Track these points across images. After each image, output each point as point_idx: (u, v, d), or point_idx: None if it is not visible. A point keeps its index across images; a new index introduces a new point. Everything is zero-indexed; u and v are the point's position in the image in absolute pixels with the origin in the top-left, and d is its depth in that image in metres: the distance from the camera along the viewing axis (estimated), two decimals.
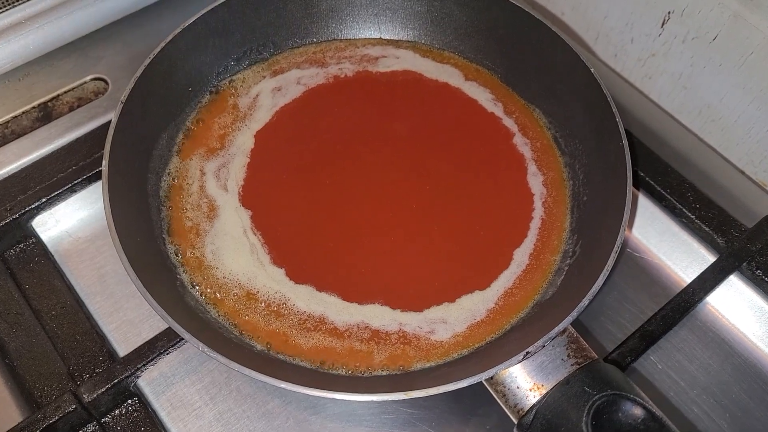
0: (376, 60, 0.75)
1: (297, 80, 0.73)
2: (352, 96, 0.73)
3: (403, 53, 0.76)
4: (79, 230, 0.67)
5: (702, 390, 0.60)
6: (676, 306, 0.60)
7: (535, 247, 0.63)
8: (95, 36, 0.81)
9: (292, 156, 0.68)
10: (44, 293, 0.62)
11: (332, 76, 0.74)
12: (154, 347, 0.57)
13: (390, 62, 0.75)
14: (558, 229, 0.64)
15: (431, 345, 0.58)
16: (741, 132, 0.73)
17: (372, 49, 0.76)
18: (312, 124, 0.70)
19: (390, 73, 0.74)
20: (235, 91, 0.72)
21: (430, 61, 0.75)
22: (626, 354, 0.57)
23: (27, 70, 0.78)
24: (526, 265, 0.62)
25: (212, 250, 0.62)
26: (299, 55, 0.75)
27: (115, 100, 0.74)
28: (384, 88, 0.73)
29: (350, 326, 0.59)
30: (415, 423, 0.58)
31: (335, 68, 0.74)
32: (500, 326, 0.59)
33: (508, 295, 0.61)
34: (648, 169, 0.69)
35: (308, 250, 0.62)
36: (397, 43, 0.76)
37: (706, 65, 0.72)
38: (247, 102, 0.71)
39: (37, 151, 0.71)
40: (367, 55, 0.76)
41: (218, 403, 0.58)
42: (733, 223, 0.65)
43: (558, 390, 0.49)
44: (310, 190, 0.66)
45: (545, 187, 0.66)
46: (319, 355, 0.57)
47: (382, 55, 0.76)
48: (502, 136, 0.70)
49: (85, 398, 0.54)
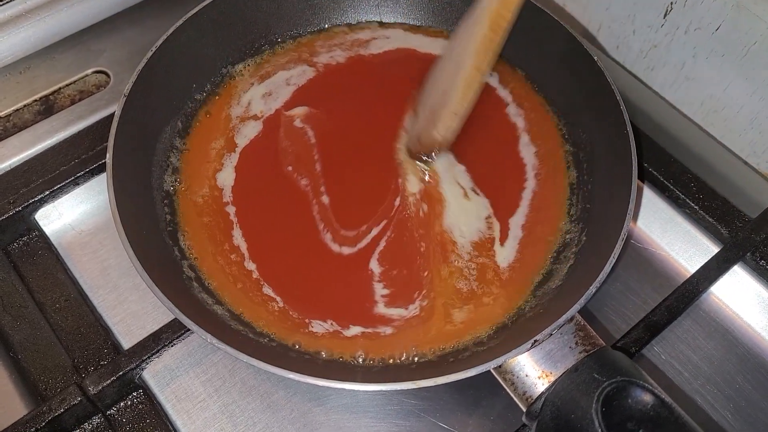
0: (368, 43, 0.75)
1: (286, 81, 0.73)
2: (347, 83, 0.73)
3: (392, 32, 0.77)
4: (82, 223, 0.67)
5: (706, 380, 0.60)
6: (681, 296, 0.60)
7: (527, 219, 0.64)
8: (96, 29, 0.80)
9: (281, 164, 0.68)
10: (48, 286, 0.63)
11: (322, 65, 0.74)
12: (158, 339, 0.57)
13: (381, 43, 0.75)
14: (553, 206, 0.65)
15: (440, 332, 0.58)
16: (744, 122, 0.73)
17: (362, 33, 0.76)
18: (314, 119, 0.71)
19: (383, 53, 0.74)
20: (236, 85, 0.72)
21: (422, 36, 0.76)
22: (630, 344, 0.57)
23: (28, 63, 0.78)
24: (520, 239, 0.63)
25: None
26: (290, 52, 0.75)
27: (117, 93, 0.73)
28: (378, 70, 0.74)
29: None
30: (419, 414, 0.58)
31: (326, 57, 0.74)
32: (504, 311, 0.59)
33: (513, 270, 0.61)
34: (651, 159, 0.69)
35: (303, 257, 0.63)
36: (386, 24, 0.77)
37: (708, 56, 0.72)
38: (240, 111, 0.71)
39: (39, 144, 0.71)
40: (358, 39, 0.76)
41: (223, 395, 0.58)
42: (736, 213, 0.65)
43: (567, 377, 0.49)
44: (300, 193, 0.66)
45: (538, 159, 0.67)
46: (325, 345, 0.57)
47: (373, 37, 0.76)
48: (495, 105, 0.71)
49: (90, 391, 0.54)
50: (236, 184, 0.66)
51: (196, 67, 0.69)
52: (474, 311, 0.59)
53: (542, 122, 0.70)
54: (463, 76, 0.60)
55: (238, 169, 0.67)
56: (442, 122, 0.62)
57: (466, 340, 0.58)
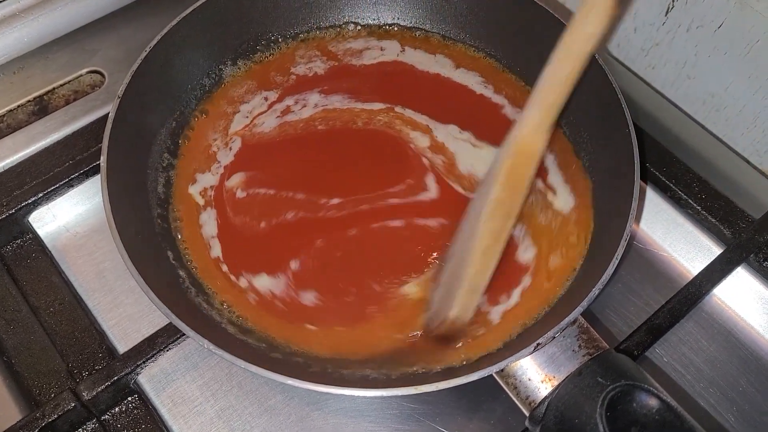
0: (361, 53, 0.74)
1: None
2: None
3: (388, 44, 0.75)
4: (76, 225, 0.66)
5: (708, 383, 0.59)
6: (683, 298, 0.59)
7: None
8: (91, 28, 0.80)
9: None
10: (42, 289, 0.62)
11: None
12: (154, 344, 0.56)
13: (375, 54, 0.74)
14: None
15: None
16: (746, 121, 0.72)
17: (355, 42, 0.75)
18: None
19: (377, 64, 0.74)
20: (232, 85, 0.71)
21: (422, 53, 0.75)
22: (633, 347, 0.56)
23: (22, 63, 0.77)
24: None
25: (214, 246, 0.61)
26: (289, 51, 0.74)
27: (112, 93, 0.72)
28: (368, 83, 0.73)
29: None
30: (418, 418, 0.57)
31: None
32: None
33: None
34: (653, 159, 0.68)
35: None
36: (381, 34, 0.75)
37: (710, 54, 0.71)
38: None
39: (33, 145, 0.70)
40: (351, 48, 0.75)
41: (219, 400, 0.58)
42: (739, 213, 0.65)
43: (570, 381, 0.48)
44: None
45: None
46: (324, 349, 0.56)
47: (366, 47, 0.75)
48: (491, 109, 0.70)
49: (85, 396, 0.54)
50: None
51: (192, 67, 0.68)
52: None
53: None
54: (477, 247, 0.53)
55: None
56: (458, 301, 0.54)
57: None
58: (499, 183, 0.52)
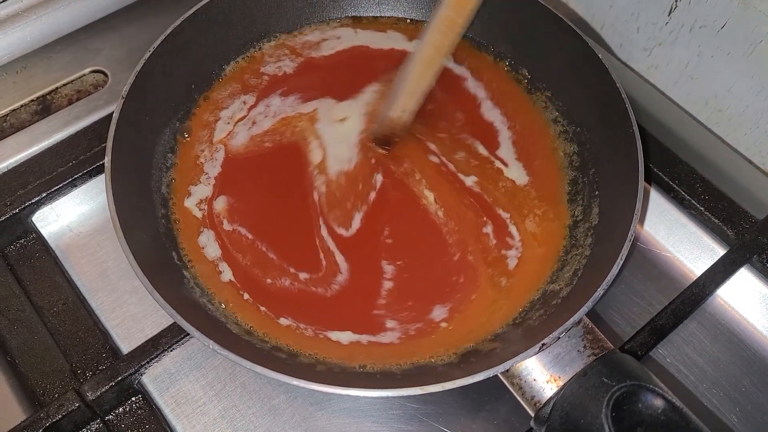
0: (319, 45, 0.74)
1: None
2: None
3: (343, 31, 0.75)
4: (80, 225, 0.66)
5: (712, 383, 0.59)
6: (687, 299, 0.59)
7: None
8: (94, 28, 0.79)
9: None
10: (45, 289, 0.62)
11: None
12: (157, 344, 0.56)
13: (333, 44, 0.74)
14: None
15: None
16: (749, 122, 0.72)
17: (311, 35, 0.75)
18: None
19: (335, 54, 0.74)
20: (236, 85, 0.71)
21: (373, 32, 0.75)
22: (637, 348, 0.56)
23: (25, 63, 0.77)
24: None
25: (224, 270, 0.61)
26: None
27: (115, 92, 0.73)
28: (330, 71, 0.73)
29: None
30: (421, 418, 0.57)
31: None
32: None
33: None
34: (656, 160, 0.68)
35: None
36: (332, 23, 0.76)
37: (713, 54, 0.71)
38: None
39: (36, 144, 0.70)
40: (308, 41, 0.74)
41: (223, 399, 0.58)
42: (742, 214, 0.65)
43: (575, 382, 0.48)
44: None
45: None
46: (328, 351, 0.56)
47: (323, 38, 0.75)
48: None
49: (89, 396, 0.54)
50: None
51: (195, 66, 0.68)
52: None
53: (546, 121, 0.69)
54: (420, 56, 0.61)
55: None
56: (398, 102, 0.63)
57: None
58: (449, 4, 0.59)
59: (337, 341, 0.57)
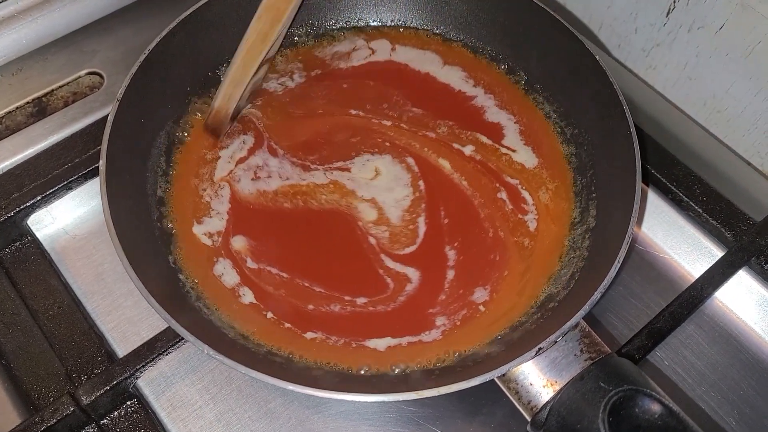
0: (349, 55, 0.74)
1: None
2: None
3: (379, 44, 0.74)
4: (75, 228, 0.66)
5: (710, 386, 0.59)
6: (685, 302, 0.59)
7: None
8: (89, 29, 0.79)
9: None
10: (41, 293, 0.62)
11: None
12: (153, 347, 0.56)
13: (364, 53, 0.74)
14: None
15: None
16: (747, 123, 0.72)
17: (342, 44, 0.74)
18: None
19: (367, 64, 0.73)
20: None
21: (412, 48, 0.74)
22: (634, 351, 0.56)
23: (20, 65, 0.76)
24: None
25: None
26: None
27: (111, 94, 0.72)
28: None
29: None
30: (418, 422, 0.57)
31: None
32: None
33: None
34: (653, 161, 0.68)
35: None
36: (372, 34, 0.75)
37: (711, 55, 0.71)
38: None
39: (31, 147, 0.70)
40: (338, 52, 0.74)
41: (219, 403, 0.58)
42: (741, 216, 0.64)
43: (572, 386, 0.48)
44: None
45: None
46: (325, 355, 0.56)
47: (354, 47, 0.74)
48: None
49: (84, 400, 0.53)
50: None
51: (192, 69, 0.68)
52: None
53: (542, 123, 0.69)
54: (244, 44, 0.63)
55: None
56: (223, 91, 0.64)
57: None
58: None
59: (374, 348, 0.56)
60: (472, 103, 0.70)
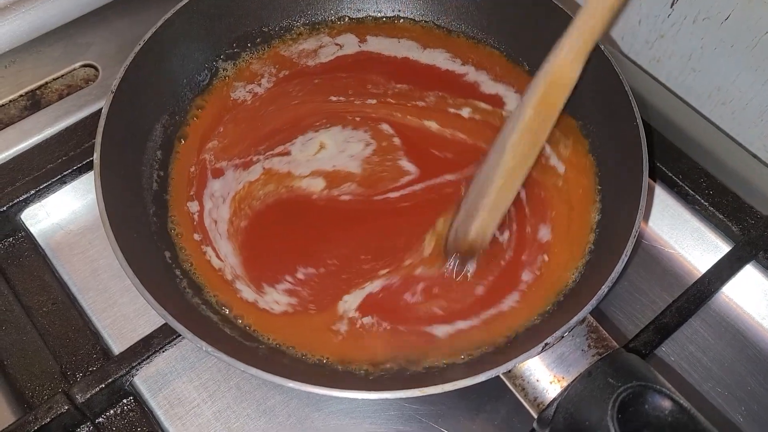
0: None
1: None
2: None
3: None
4: (70, 222, 0.65)
5: (716, 382, 0.58)
6: (691, 297, 0.58)
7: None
8: (84, 21, 0.78)
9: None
10: (35, 289, 0.61)
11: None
12: (149, 344, 0.55)
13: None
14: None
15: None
16: (753, 115, 0.71)
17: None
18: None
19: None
20: (229, 81, 0.69)
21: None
22: (641, 346, 0.55)
23: (14, 57, 0.75)
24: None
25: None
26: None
27: (106, 87, 0.71)
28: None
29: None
30: (420, 419, 0.56)
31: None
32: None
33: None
34: (659, 154, 0.67)
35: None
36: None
37: (717, 46, 0.70)
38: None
39: (25, 140, 0.69)
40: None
41: (217, 401, 0.57)
42: (747, 210, 0.64)
43: (580, 382, 0.47)
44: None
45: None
46: (326, 350, 0.55)
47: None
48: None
49: (78, 399, 0.53)
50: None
51: (187, 61, 0.67)
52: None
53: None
54: (503, 167, 0.54)
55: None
56: (479, 219, 0.55)
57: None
58: (531, 107, 0.53)
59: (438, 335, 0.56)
60: (464, 79, 0.70)
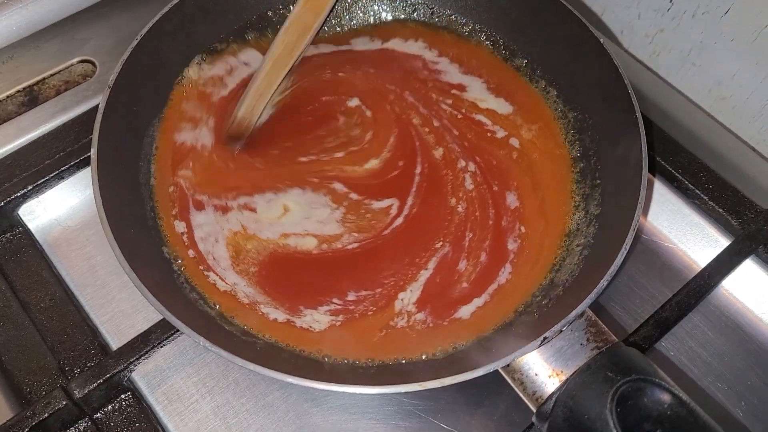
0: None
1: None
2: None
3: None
4: (68, 218, 0.65)
5: (716, 377, 0.58)
6: (691, 291, 0.58)
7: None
8: (81, 17, 0.78)
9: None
10: (32, 285, 0.61)
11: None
12: (148, 340, 0.55)
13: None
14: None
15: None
16: (753, 110, 0.71)
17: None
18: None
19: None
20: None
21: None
22: (640, 341, 0.55)
23: (11, 53, 0.75)
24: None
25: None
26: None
27: (103, 82, 0.70)
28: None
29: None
30: (419, 414, 0.56)
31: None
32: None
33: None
34: (658, 148, 0.67)
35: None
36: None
37: (717, 41, 0.70)
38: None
39: (23, 136, 0.69)
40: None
41: (216, 396, 0.57)
42: (747, 204, 0.63)
43: (578, 376, 0.47)
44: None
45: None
46: (323, 345, 0.55)
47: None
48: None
49: (76, 394, 0.52)
50: None
51: (184, 55, 0.66)
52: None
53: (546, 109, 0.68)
54: (270, 56, 0.63)
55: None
56: (247, 102, 0.64)
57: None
58: (302, 2, 0.63)
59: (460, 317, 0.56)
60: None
